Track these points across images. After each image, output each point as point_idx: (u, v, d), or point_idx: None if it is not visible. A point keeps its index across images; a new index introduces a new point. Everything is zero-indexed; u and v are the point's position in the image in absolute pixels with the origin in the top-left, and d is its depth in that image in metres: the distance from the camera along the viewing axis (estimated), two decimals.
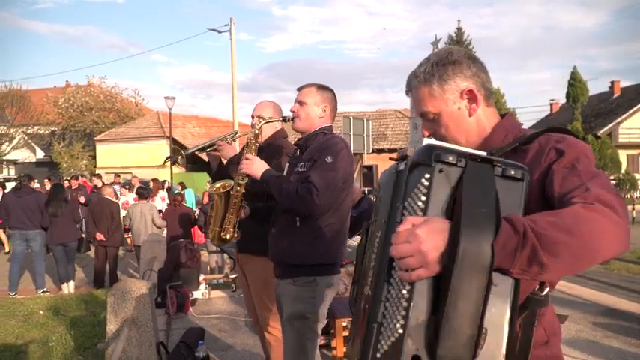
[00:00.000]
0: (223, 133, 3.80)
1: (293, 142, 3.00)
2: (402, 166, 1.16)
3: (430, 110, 1.38)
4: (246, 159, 2.70)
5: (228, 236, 2.91)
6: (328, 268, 2.63)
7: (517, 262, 0.96)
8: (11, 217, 8.14)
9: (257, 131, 2.89)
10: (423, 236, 0.97)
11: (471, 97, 1.36)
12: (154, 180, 13.91)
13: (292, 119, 2.76)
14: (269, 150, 3.17)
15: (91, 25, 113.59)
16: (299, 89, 2.77)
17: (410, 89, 1.43)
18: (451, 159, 1.04)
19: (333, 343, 4.17)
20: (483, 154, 1.07)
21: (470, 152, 1.06)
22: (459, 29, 30.57)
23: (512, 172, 1.05)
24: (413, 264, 0.97)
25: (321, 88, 2.74)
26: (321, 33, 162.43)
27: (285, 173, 2.80)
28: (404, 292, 1.01)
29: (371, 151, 20.14)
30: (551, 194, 1.14)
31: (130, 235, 9.69)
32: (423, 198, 1.04)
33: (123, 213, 9.91)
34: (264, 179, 2.61)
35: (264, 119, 2.99)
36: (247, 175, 2.73)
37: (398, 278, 1.03)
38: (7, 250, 12.19)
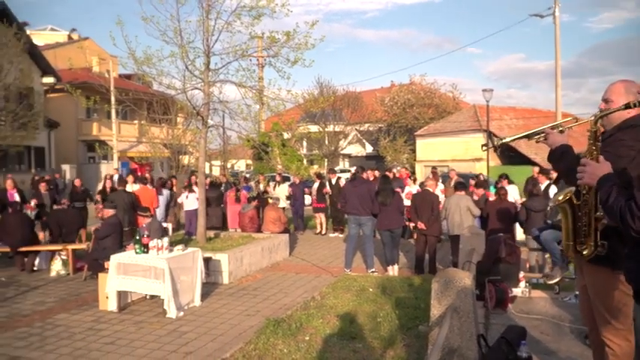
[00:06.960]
0: (544, 124, 3.43)
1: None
2: None
3: None
4: (582, 165, 2.36)
5: (586, 251, 2.62)
6: None
7: None
8: (348, 203, 9.31)
9: (595, 128, 2.48)
10: None
11: None
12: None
13: None
14: (607, 144, 2.67)
15: (411, 27, 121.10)
16: None
17: None
18: None
19: None
20: None
21: None
22: None
23: None
24: None
25: None
26: None
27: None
28: None
29: None
30: None
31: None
32: None
33: None
34: (599, 187, 2.25)
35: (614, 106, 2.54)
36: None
37: None
38: (319, 231, 14.08)
